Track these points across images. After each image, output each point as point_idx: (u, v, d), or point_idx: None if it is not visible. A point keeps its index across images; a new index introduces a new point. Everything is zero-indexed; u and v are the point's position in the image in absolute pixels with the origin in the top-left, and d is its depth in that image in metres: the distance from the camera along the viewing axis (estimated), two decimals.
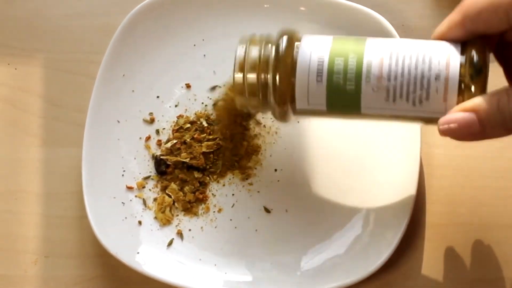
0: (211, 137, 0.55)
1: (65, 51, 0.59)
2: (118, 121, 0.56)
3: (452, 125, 0.39)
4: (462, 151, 0.54)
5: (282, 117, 0.47)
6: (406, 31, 0.58)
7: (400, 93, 0.41)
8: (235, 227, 0.53)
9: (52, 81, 0.59)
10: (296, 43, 0.45)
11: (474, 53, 0.41)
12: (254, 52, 0.46)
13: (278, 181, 0.54)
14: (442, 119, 0.40)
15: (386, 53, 0.42)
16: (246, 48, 0.46)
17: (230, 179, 0.54)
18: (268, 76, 0.45)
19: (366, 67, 0.42)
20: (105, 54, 0.56)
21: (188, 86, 0.57)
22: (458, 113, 0.39)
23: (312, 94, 0.44)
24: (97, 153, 0.54)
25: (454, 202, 0.53)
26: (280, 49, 0.45)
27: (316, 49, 0.44)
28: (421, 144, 0.51)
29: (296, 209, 0.53)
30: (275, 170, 0.54)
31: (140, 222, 0.54)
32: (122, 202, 0.54)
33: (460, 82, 0.40)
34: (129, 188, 0.54)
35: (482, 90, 0.40)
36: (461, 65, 0.40)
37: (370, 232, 0.52)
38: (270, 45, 0.46)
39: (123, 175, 0.55)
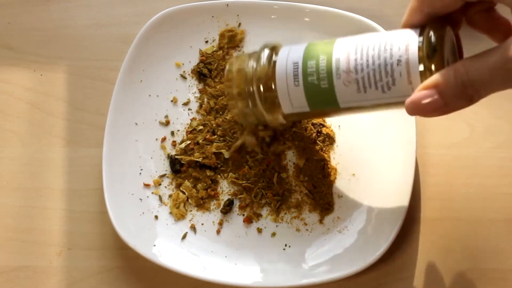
0: (222, 138, 0.56)
1: (87, 58, 0.61)
2: (136, 124, 0.57)
3: (416, 104, 0.39)
4: (455, 151, 0.55)
5: (274, 122, 0.49)
6: None
7: (369, 83, 0.42)
8: (244, 221, 0.55)
9: (75, 86, 0.60)
10: (274, 55, 0.47)
11: (429, 33, 0.41)
12: (240, 67, 0.49)
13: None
14: (408, 100, 0.40)
15: (352, 48, 0.43)
16: (232, 65, 0.49)
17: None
18: (252, 87, 0.47)
19: (335, 65, 0.43)
20: (124, 61, 0.57)
21: (201, 91, 0.59)
22: (421, 92, 0.39)
23: (293, 97, 0.46)
24: (117, 153, 0.55)
25: (447, 198, 0.54)
26: (261, 61, 0.47)
27: (291, 56, 0.46)
28: (416, 145, 0.52)
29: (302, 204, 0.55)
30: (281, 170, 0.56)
31: (156, 217, 0.55)
32: (140, 198, 0.55)
33: (420, 62, 0.41)
34: (146, 186, 0.56)
35: (441, 66, 0.40)
36: (419, 47, 0.41)
37: (370, 227, 0.53)
38: (252, 59, 0.48)
39: (140, 173, 0.56)
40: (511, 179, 0.54)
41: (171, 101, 0.58)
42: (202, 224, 0.55)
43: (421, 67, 0.41)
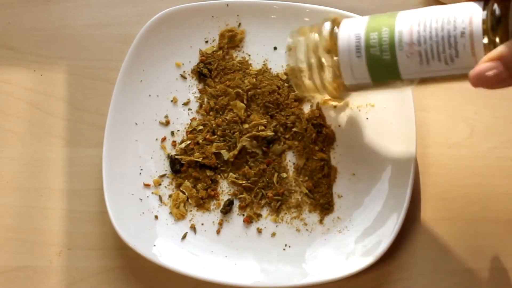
0: (222, 138, 0.57)
1: (87, 58, 0.61)
2: (136, 124, 0.57)
3: (480, 76, 0.39)
4: (455, 151, 0.55)
5: (336, 94, 0.49)
6: None
7: (432, 55, 0.43)
8: (244, 222, 0.55)
9: (75, 86, 0.60)
10: (336, 27, 0.47)
11: (493, 5, 0.41)
12: (301, 40, 0.49)
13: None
14: (472, 72, 0.40)
15: (415, 21, 0.43)
16: (293, 38, 0.50)
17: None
18: (315, 57, 0.47)
19: (397, 37, 0.44)
20: (124, 61, 0.57)
21: (201, 91, 0.59)
22: (485, 63, 0.39)
23: (355, 69, 0.46)
24: (117, 153, 0.56)
25: (447, 198, 0.54)
26: (323, 33, 0.47)
27: (353, 29, 0.46)
28: (416, 145, 0.53)
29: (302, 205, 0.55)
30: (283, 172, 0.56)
31: (156, 217, 0.55)
32: (140, 198, 0.55)
33: (484, 34, 0.41)
34: (146, 186, 0.56)
35: (505, 38, 0.40)
36: (483, 20, 0.41)
37: (370, 227, 0.53)
38: (314, 31, 0.48)
39: (140, 173, 0.56)
40: (511, 179, 0.54)
41: (171, 101, 0.59)
42: (202, 224, 0.55)
43: (485, 40, 0.41)
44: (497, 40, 0.40)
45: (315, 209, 0.54)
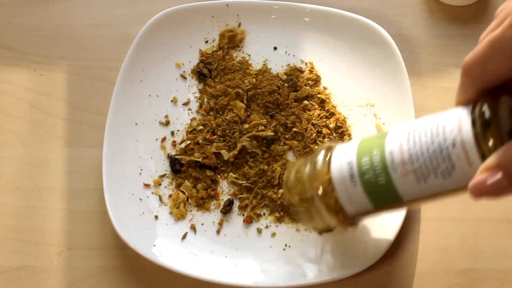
0: (222, 138, 0.57)
1: (87, 58, 0.61)
2: (136, 124, 0.57)
3: (479, 187, 0.35)
4: None
5: (343, 226, 0.46)
6: (403, 40, 0.59)
7: (428, 172, 0.39)
8: (244, 221, 0.55)
9: (75, 86, 0.60)
10: (330, 156, 0.44)
11: (481, 108, 0.37)
12: (297, 173, 0.47)
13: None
14: (470, 184, 0.36)
15: (404, 138, 0.40)
16: (290, 173, 0.48)
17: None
18: (312, 193, 0.45)
19: (389, 158, 0.40)
20: (124, 61, 0.57)
21: (201, 91, 0.59)
22: (482, 174, 0.35)
23: (354, 197, 0.43)
24: (117, 153, 0.55)
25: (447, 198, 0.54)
26: (317, 165, 0.45)
27: (345, 156, 0.43)
28: None
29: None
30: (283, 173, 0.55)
31: (156, 217, 0.55)
32: (140, 198, 0.55)
33: (476, 141, 0.37)
34: (146, 186, 0.56)
35: (500, 140, 0.36)
36: (472, 125, 0.37)
37: (370, 227, 0.52)
38: (308, 164, 0.46)
39: (140, 173, 0.56)
40: None
41: (171, 101, 0.59)
42: (202, 224, 0.55)
43: (480, 145, 0.37)
44: (490, 144, 0.36)
45: None
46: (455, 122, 0.38)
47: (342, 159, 0.43)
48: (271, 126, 0.56)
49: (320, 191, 0.44)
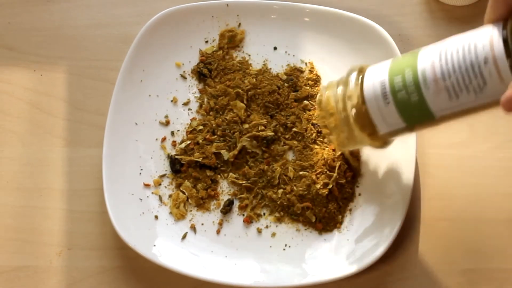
0: (222, 138, 0.57)
1: (87, 58, 0.61)
2: (136, 124, 0.57)
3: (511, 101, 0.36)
4: (455, 151, 0.55)
5: (377, 144, 0.47)
6: (403, 40, 0.59)
7: (460, 88, 0.40)
8: (244, 221, 0.55)
9: (75, 86, 0.60)
10: (361, 77, 0.45)
11: None
12: (330, 95, 0.48)
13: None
14: (502, 97, 0.37)
15: (436, 56, 0.41)
16: (322, 95, 0.48)
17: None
18: (345, 113, 0.46)
19: (421, 75, 0.42)
20: (124, 61, 0.57)
21: (201, 91, 0.59)
22: None
23: (387, 116, 0.44)
24: (117, 153, 0.56)
25: (447, 198, 0.54)
26: (349, 86, 0.46)
27: (377, 76, 0.44)
28: (416, 145, 0.53)
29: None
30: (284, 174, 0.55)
31: (156, 217, 0.55)
32: (140, 198, 0.55)
33: (508, 57, 0.38)
34: (146, 186, 0.56)
35: None
36: (503, 41, 0.39)
37: (370, 227, 0.53)
38: (340, 85, 0.47)
39: (140, 173, 0.56)
40: (511, 179, 0.54)
41: (171, 101, 0.59)
42: (202, 224, 0.55)
43: (510, 61, 0.38)
44: None
45: None
46: (487, 39, 0.39)
47: (374, 79, 0.45)
48: (271, 126, 0.56)
49: (353, 111, 0.45)
